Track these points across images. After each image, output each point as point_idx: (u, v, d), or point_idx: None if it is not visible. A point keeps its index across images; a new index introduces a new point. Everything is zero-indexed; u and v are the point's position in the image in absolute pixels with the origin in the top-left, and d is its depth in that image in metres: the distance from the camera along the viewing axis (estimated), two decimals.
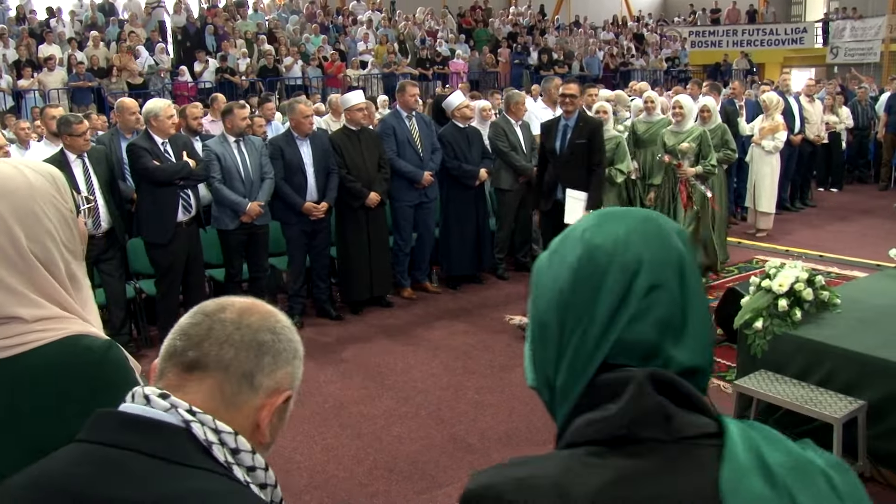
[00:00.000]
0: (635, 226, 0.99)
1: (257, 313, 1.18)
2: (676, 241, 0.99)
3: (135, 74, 15.64)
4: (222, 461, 1.07)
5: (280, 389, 1.16)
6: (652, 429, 0.90)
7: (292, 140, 6.57)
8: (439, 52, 19.78)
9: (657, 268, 0.96)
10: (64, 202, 1.53)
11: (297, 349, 1.20)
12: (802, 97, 10.85)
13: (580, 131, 6.35)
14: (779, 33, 25.21)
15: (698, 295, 0.98)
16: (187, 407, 1.08)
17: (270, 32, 18.50)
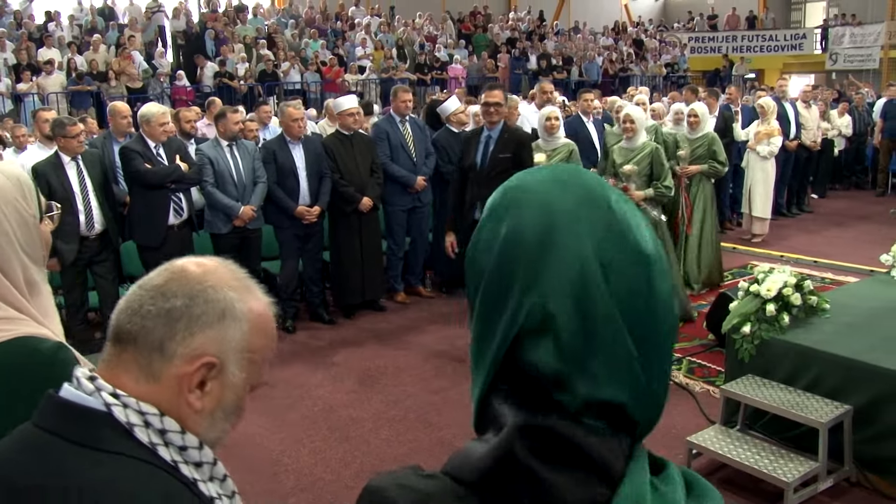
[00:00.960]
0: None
1: (183, 278, 1.11)
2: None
3: (134, 78, 15.67)
4: (146, 443, 1.05)
5: (200, 356, 1.08)
6: (514, 493, 0.78)
7: (285, 144, 6.58)
8: (438, 58, 19.81)
9: (555, 287, 0.80)
10: (27, 207, 1.53)
11: (226, 309, 1.10)
12: (799, 103, 10.86)
13: (505, 144, 5.59)
14: (778, 39, 25.26)
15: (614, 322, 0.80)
16: (111, 390, 1.06)
17: (270, 37, 18.53)
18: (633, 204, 0.86)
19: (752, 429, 4.31)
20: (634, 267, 0.81)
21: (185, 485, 1.05)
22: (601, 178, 0.89)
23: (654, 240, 0.84)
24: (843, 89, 15.89)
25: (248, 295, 1.14)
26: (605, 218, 0.82)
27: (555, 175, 0.87)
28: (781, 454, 3.87)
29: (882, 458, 3.87)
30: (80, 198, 5.61)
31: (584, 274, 0.79)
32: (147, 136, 5.80)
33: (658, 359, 0.82)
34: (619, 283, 0.79)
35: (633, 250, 0.81)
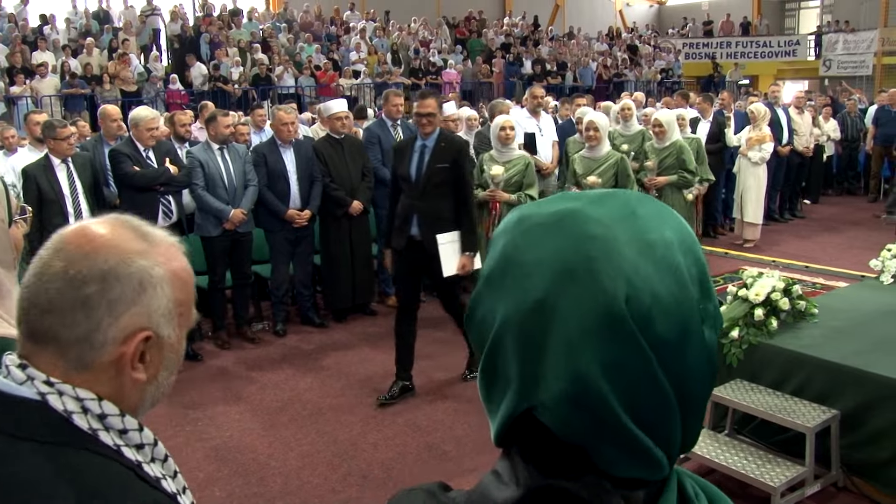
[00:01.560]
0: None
1: (85, 257, 1.03)
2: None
3: (128, 82, 15.67)
4: (86, 429, 1.02)
5: (133, 334, 1.04)
6: None
7: (276, 147, 6.57)
8: (433, 62, 19.83)
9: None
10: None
11: (143, 280, 1.05)
12: (792, 109, 10.89)
13: (441, 153, 5.05)
14: (772, 45, 25.35)
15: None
16: (44, 378, 1.02)
17: (264, 41, 18.54)
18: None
19: (740, 433, 4.30)
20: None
21: (129, 468, 1.03)
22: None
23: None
24: (836, 95, 15.93)
25: (155, 253, 1.09)
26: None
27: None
28: (769, 459, 3.86)
29: (869, 462, 3.87)
30: (69, 200, 5.60)
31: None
32: (136, 139, 5.79)
33: (698, 415, 0.77)
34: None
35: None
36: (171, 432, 4.84)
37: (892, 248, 5.50)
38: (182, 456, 4.51)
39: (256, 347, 6.40)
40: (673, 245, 0.74)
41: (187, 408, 5.22)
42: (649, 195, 0.81)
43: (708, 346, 0.74)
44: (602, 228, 0.73)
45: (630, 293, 0.70)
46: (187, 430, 4.89)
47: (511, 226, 0.79)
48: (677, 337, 0.72)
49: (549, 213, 0.77)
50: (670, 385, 0.72)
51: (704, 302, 0.74)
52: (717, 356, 0.76)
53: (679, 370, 0.72)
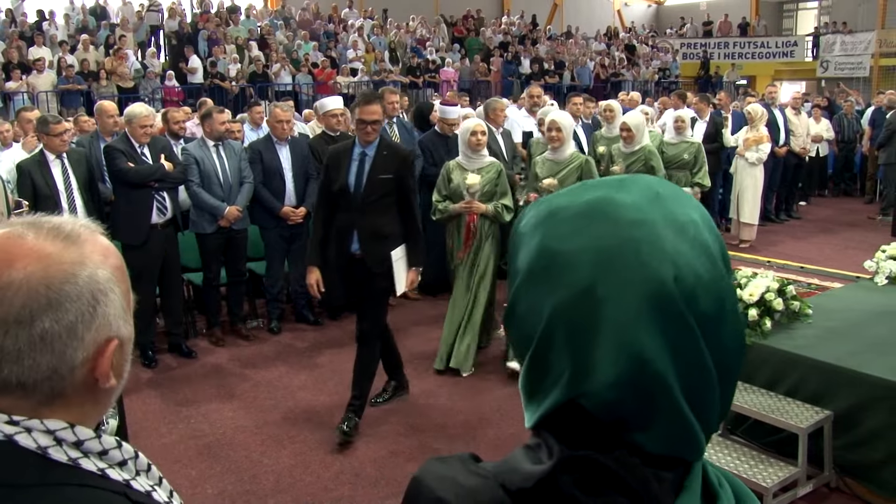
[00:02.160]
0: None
1: (20, 288, 0.91)
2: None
3: (125, 78, 15.65)
4: (65, 461, 0.93)
5: (103, 347, 0.97)
6: None
7: (271, 144, 6.56)
8: (431, 61, 19.82)
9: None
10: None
11: (93, 291, 0.96)
12: (788, 109, 10.91)
13: (383, 163, 4.56)
14: (770, 46, 25.37)
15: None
16: (6, 419, 0.92)
17: (262, 38, 18.52)
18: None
19: (733, 433, 4.30)
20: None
21: (119, 493, 0.96)
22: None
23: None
24: (834, 97, 15.94)
25: (90, 253, 0.98)
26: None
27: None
28: (761, 459, 3.86)
29: (861, 463, 3.87)
30: (64, 196, 5.59)
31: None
32: (130, 135, 5.78)
33: (730, 392, 0.80)
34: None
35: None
36: (165, 429, 4.83)
37: (886, 250, 5.51)
38: (175, 453, 4.50)
39: (251, 345, 6.39)
40: (699, 224, 0.77)
41: (180, 405, 5.21)
42: (662, 177, 0.85)
43: (739, 318, 0.77)
44: (639, 213, 0.75)
45: (677, 274, 0.73)
46: (180, 427, 4.88)
47: (543, 219, 0.80)
48: (716, 312, 0.74)
49: (582, 203, 0.78)
50: (713, 361, 0.74)
51: (728, 277, 0.77)
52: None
53: (718, 345, 0.75)
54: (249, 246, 6.64)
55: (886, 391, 3.78)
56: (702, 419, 0.75)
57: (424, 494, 0.84)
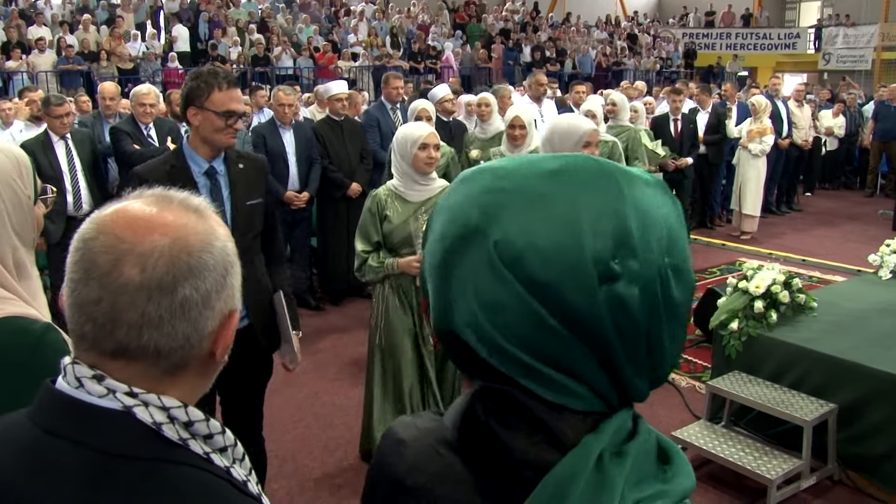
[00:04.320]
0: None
1: (163, 255, 0.93)
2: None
3: (125, 59, 15.57)
4: (175, 440, 0.94)
5: (227, 319, 0.99)
6: (479, 446, 0.83)
7: (275, 129, 6.53)
8: (432, 46, 19.74)
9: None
10: (23, 187, 1.49)
11: (225, 260, 0.99)
12: (791, 102, 10.89)
13: (245, 182, 3.00)
14: (772, 38, 25.33)
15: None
16: (126, 389, 0.93)
17: (263, 21, 18.43)
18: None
19: (737, 425, 4.31)
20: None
21: (222, 478, 0.96)
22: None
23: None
24: (837, 90, 15.92)
25: (216, 225, 1.00)
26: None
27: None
28: (766, 451, 3.87)
29: (864, 456, 3.88)
30: (68, 177, 5.57)
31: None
32: (136, 115, 5.75)
33: (630, 360, 0.81)
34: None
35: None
36: None
37: (890, 244, 5.50)
38: None
39: None
40: (578, 205, 0.78)
41: None
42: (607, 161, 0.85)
43: (611, 296, 0.77)
44: (501, 182, 0.82)
45: (498, 239, 0.78)
46: None
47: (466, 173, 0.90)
48: (557, 280, 0.76)
49: (477, 169, 0.88)
50: (560, 324, 0.77)
51: (617, 259, 0.77)
52: (658, 311, 0.79)
53: (566, 311, 0.77)
54: None
55: (891, 385, 3.78)
56: (575, 375, 0.79)
57: (389, 437, 0.93)
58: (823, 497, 3.88)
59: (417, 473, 0.87)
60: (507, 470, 0.81)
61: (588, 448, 0.77)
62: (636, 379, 0.81)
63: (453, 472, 0.84)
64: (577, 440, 0.79)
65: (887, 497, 3.80)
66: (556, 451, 0.79)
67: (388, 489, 0.90)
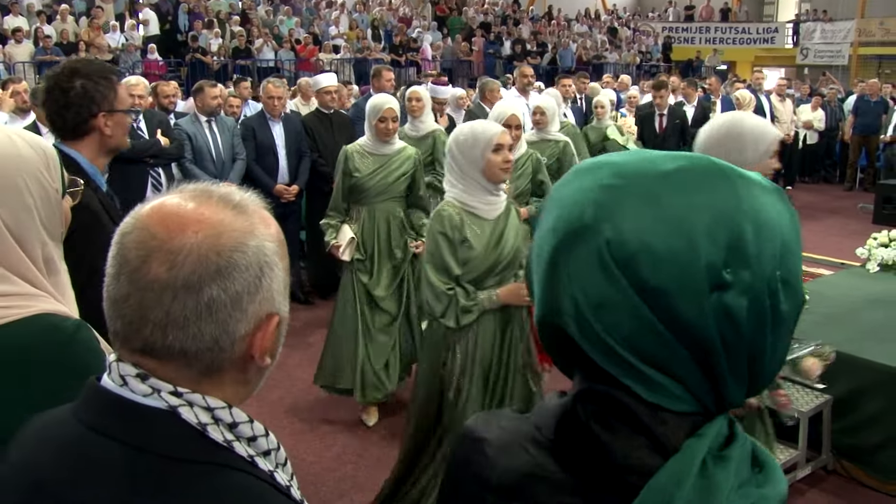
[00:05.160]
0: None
1: (191, 253, 0.89)
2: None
3: (104, 50, 15.38)
4: (221, 442, 0.91)
5: (264, 322, 0.95)
6: (578, 448, 0.84)
7: (265, 121, 6.49)
8: (413, 39, 19.70)
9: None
10: (51, 181, 1.45)
11: (261, 264, 0.93)
12: (773, 96, 10.99)
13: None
14: (751, 32, 25.55)
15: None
16: (171, 389, 0.91)
17: (243, 13, 18.28)
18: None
19: None
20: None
21: (266, 482, 0.93)
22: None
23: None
24: (817, 85, 16.08)
25: (258, 224, 0.95)
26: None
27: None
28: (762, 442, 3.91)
29: (859, 447, 3.94)
30: None
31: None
32: None
33: (734, 369, 0.81)
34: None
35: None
36: None
37: (878, 237, 5.57)
38: None
39: None
40: (695, 208, 0.78)
41: None
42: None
43: (720, 305, 0.77)
44: (620, 180, 0.81)
45: (610, 238, 0.78)
46: None
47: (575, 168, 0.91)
48: (672, 289, 0.77)
49: (592, 163, 0.88)
50: (667, 328, 0.77)
51: (729, 268, 0.77)
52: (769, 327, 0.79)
53: (673, 317, 0.77)
54: None
55: (885, 376, 3.84)
56: (677, 378, 0.80)
57: (468, 436, 0.93)
58: (818, 486, 3.93)
59: (507, 473, 0.87)
60: (604, 473, 0.81)
61: (692, 453, 0.78)
62: (735, 387, 0.81)
63: (545, 473, 0.84)
64: (678, 445, 0.79)
65: (881, 486, 3.86)
66: (659, 455, 0.79)
67: (475, 488, 0.89)
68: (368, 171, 4.47)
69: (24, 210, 1.40)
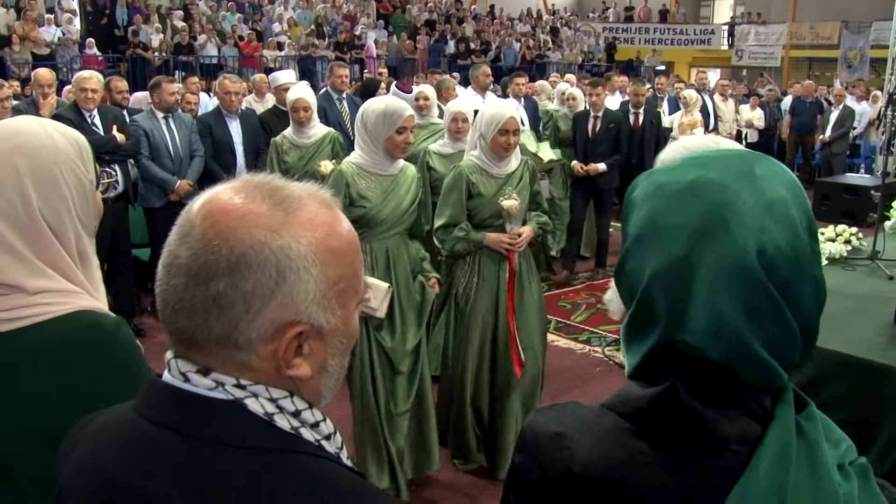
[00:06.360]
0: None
1: (210, 245, 0.87)
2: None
3: (40, 44, 14.95)
4: (288, 429, 0.91)
5: (282, 330, 0.89)
6: (676, 426, 0.90)
7: (221, 118, 6.42)
8: (358, 36, 19.62)
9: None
10: (86, 172, 1.44)
11: (280, 267, 0.87)
12: (717, 96, 11.28)
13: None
14: (688, 33, 26.13)
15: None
16: (234, 381, 0.90)
17: (185, 8, 17.97)
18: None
19: None
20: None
21: (334, 461, 0.93)
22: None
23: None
24: (755, 85, 16.55)
25: (296, 224, 0.90)
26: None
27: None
28: None
29: None
30: None
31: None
32: (79, 102, 5.57)
33: (813, 337, 0.94)
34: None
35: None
36: None
37: (825, 232, 5.78)
38: None
39: None
40: (787, 201, 0.89)
41: None
42: (761, 153, 0.96)
43: (818, 278, 0.90)
44: (732, 195, 0.89)
45: (759, 248, 0.86)
46: None
47: (652, 192, 0.95)
48: (794, 276, 0.87)
49: (686, 182, 0.92)
50: (793, 317, 0.88)
51: (812, 243, 0.90)
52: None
53: (798, 302, 0.88)
54: None
55: (839, 366, 3.98)
56: (783, 360, 0.90)
57: (543, 432, 0.95)
58: None
59: (604, 464, 0.91)
60: (704, 448, 0.89)
61: (786, 418, 0.89)
62: (810, 356, 0.93)
63: (644, 457, 0.90)
64: (771, 411, 0.90)
65: None
66: (758, 423, 0.89)
67: (564, 486, 0.92)
68: (378, 199, 3.49)
69: (61, 202, 1.38)
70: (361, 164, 3.50)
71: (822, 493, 0.85)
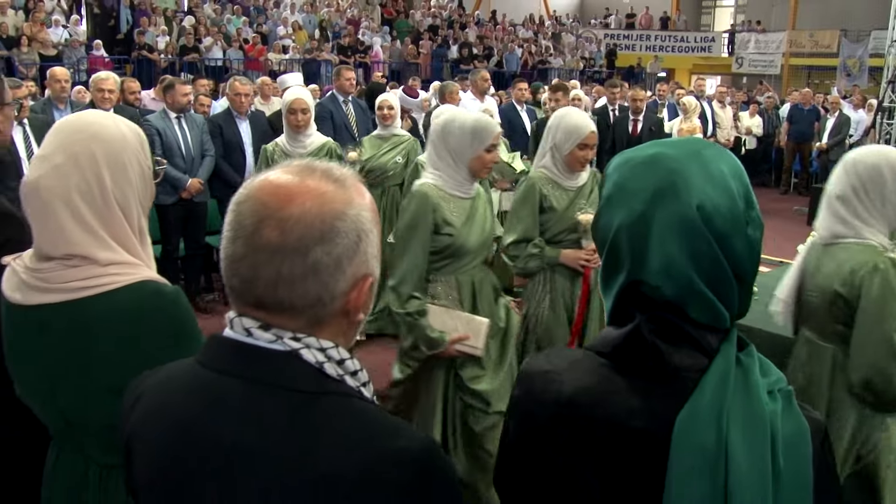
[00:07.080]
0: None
1: (301, 221, 1.02)
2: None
3: (47, 45, 15.13)
4: (335, 376, 1.06)
5: (360, 282, 1.07)
6: (641, 358, 1.11)
7: (231, 119, 6.59)
8: (361, 41, 19.81)
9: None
10: (146, 158, 1.64)
11: (360, 228, 1.06)
12: (715, 102, 11.46)
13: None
14: (689, 41, 26.32)
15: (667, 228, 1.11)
16: (291, 335, 1.05)
17: (190, 10, 18.16)
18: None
19: None
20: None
21: (373, 403, 1.09)
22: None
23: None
24: (754, 93, 16.73)
25: (355, 195, 1.08)
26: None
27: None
28: None
29: None
30: (26, 163, 5.51)
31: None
32: (97, 102, 5.74)
33: (747, 289, 1.16)
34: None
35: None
36: None
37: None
38: None
39: (209, 318, 6.40)
40: (726, 174, 1.12)
41: None
42: (710, 141, 1.25)
43: (751, 239, 1.11)
44: (682, 166, 1.12)
45: (699, 204, 1.09)
46: None
47: (621, 164, 1.20)
48: (729, 231, 1.09)
49: (647, 156, 1.16)
50: (728, 264, 1.09)
51: (748, 210, 1.11)
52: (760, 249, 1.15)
53: (733, 254, 1.09)
54: (209, 219, 6.65)
55: None
56: (724, 301, 1.10)
57: (534, 369, 1.19)
58: None
59: (585, 392, 1.13)
60: (666, 375, 1.11)
61: (728, 352, 1.10)
62: (748, 302, 1.16)
63: (618, 385, 1.12)
64: (718, 348, 1.11)
65: None
66: (705, 357, 1.10)
67: (554, 410, 1.14)
68: (462, 224, 3.07)
69: (128, 185, 1.59)
70: (441, 186, 3.04)
71: (752, 410, 1.06)
